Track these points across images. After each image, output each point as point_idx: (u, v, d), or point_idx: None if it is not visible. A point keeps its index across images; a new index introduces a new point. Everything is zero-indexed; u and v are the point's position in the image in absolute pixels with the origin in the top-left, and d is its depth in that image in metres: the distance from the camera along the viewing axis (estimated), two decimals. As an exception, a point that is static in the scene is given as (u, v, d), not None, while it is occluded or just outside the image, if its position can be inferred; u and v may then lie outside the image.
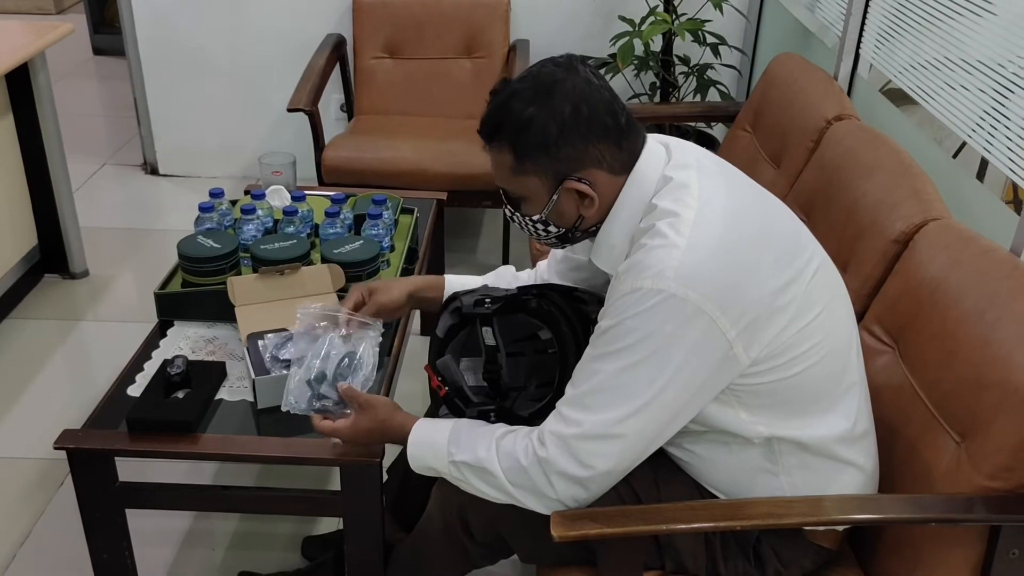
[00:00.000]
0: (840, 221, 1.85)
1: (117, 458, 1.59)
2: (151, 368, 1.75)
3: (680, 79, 3.45)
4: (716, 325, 1.22)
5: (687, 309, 1.21)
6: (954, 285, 1.46)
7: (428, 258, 2.34)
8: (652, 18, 3.21)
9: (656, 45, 3.35)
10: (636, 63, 3.33)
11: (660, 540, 1.40)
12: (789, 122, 2.29)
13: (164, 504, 1.75)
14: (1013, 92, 1.69)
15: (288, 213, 2.06)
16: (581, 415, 1.26)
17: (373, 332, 1.59)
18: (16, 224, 2.90)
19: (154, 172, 3.92)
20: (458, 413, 1.47)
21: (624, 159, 1.33)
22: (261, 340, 1.71)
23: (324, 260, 1.94)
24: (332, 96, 3.56)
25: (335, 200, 2.12)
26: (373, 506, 1.60)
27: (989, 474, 1.28)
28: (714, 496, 1.41)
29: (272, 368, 1.65)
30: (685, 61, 3.45)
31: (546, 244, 1.44)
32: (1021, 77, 1.67)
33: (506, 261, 3.17)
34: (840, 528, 1.43)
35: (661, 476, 1.41)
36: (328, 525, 2.08)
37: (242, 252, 1.98)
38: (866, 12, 2.40)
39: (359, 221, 2.12)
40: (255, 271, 1.87)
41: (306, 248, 1.94)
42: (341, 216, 2.07)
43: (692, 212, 1.26)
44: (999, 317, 1.35)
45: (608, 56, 3.35)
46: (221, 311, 1.85)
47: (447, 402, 1.49)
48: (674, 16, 3.27)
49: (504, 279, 1.73)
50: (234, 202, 2.19)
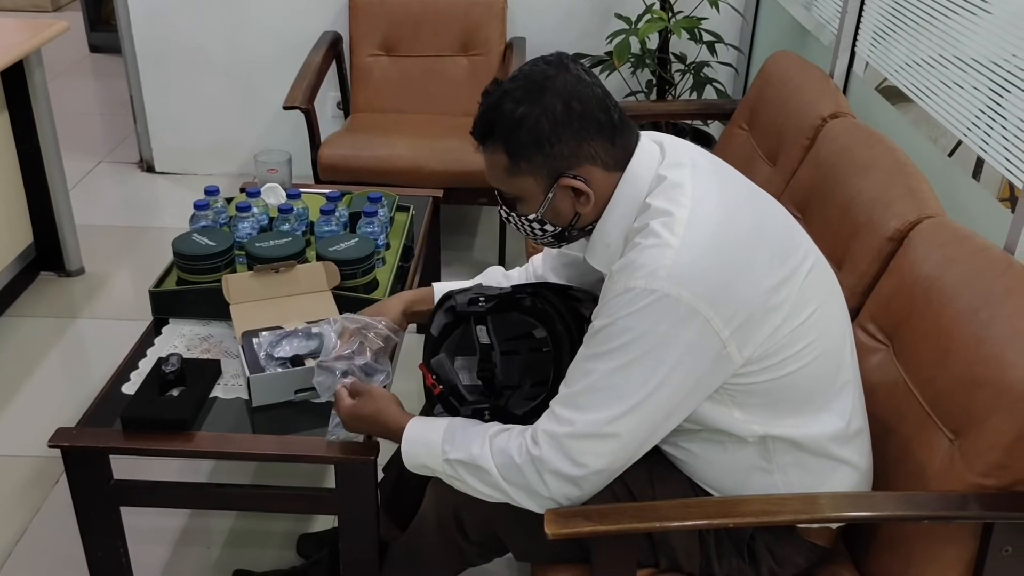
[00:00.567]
0: (835, 219, 1.85)
1: (112, 456, 1.59)
2: (146, 366, 1.75)
3: (676, 77, 3.45)
4: (709, 325, 1.22)
5: (680, 309, 1.21)
6: (948, 283, 1.46)
7: (424, 256, 2.33)
8: (648, 16, 3.22)
9: (652, 43, 3.35)
10: (632, 61, 3.33)
11: (654, 538, 1.40)
12: (785, 120, 2.30)
13: (159, 502, 1.75)
14: (1009, 91, 1.69)
15: (283, 211, 2.06)
16: (574, 414, 1.26)
17: (395, 339, 1.65)
18: (12, 222, 2.90)
19: (150, 170, 3.92)
20: (453, 412, 1.47)
21: (618, 155, 1.33)
22: (256, 338, 1.71)
23: (319, 258, 1.93)
24: (328, 94, 3.55)
25: (330, 198, 2.11)
26: (368, 504, 1.60)
27: (982, 472, 1.28)
28: (708, 494, 1.41)
29: (267, 366, 1.65)
30: (681, 59, 3.45)
31: (542, 244, 1.44)
32: (1017, 76, 1.67)
33: (502, 258, 3.17)
34: (834, 526, 1.43)
35: (656, 474, 1.41)
36: (323, 523, 2.08)
37: (237, 250, 1.98)
38: (862, 10, 2.40)
39: (355, 219, 2.12)
40: (250, 269, 1.87)
41: (301, 246, 1.93)
42: (336, 214, 2.06)
43: (685, 211, 1.26)
44: (993, 315, 1.35)
45: (604, 54, 3.35)
46: (216, 309, 1.85)
47: (442, 400, 1.49)
48: (670, 14, 3.27)
49: (493, 279, 1.73)
50: (229, 200, 2.18)
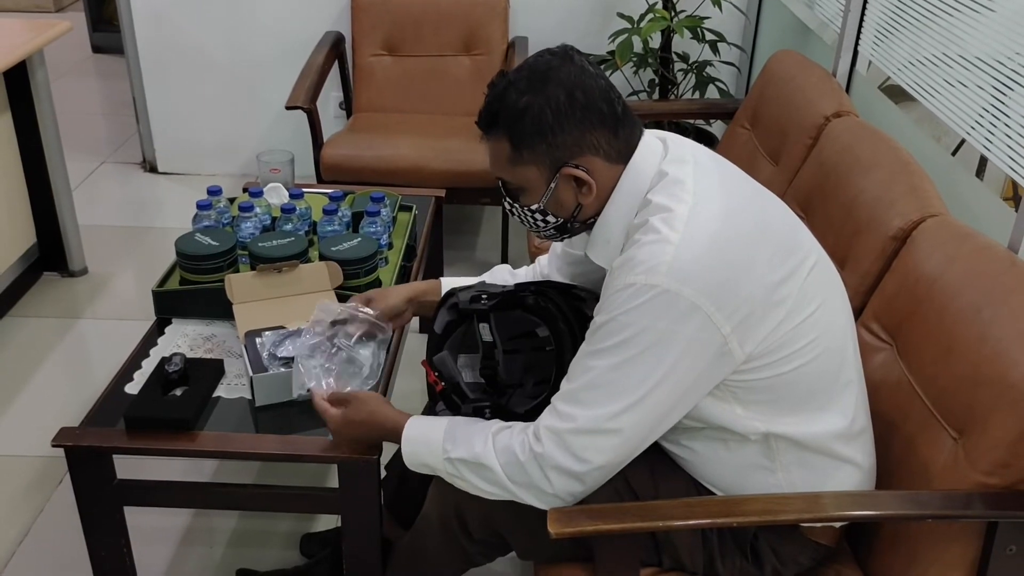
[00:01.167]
0: (838, 218, 1.84)
1: (115, 456, 1.59)
2: (149, 366, 1.75)
3: (679, 76, 3.44)
4: (711, 320, 1.22)
5: (681, 305, 1.21)
6: (951, 282, 1.46)
7: (426, 255, 2.34)
8: (651, 15, 3.22)
9: (655, 42, 3.35)
10: (635, 60, 3.33)
11: (657, 537, 1.40)
12: (787, 119, 2.29)
13: (162, 501, 1.75)
14: (1012, 89, 1.68)
15: (286, 211, 2.06)
16: (575, 410, 1.26)
17: (382, 336, 1.61)
18: (15, 222, 2.90)
19: (153, 170, 3.92)
20: (455, 409, 1.47)
21: (620, 147, 1.33)
22: (259, 337, 1.71)
23: (322, 258, 1.94)
24: (331, 94, 3.56)
25: (333, 197, 2.12)
26: (371, 503, 1.60)
27: (986, 470, 1.28)
28: (711, 493, 1.41)
29: (270, 365, 1.65)
30: (684, 58, 3.45)
31: (545, 236, 1.44)
32: (1020, 74, 1.66)
33: (505, 258, 3.17)
34: (837, 525, 1.43)
35: (658, 473, 1.41)
36: (327, 523, 2.08)
37: (240, 250, 1.98)
38: (864, 9, 2.39)
39: (357, 218, 2.12)
40: (253, 269, 1.87)
41: (304, 246, 1.93)
42: (339, 213, 2.06)
43: (686, 208, 1.26)
44: (996, 314, 1.35)
45: (607, 53, 3.35)
46: (219, 309, 1.85)
47: (444, 398, 1.48)
48: (673, 13, 3.26)
49: (500, 277, 1.73)
50: (232, 200, 2.18)
